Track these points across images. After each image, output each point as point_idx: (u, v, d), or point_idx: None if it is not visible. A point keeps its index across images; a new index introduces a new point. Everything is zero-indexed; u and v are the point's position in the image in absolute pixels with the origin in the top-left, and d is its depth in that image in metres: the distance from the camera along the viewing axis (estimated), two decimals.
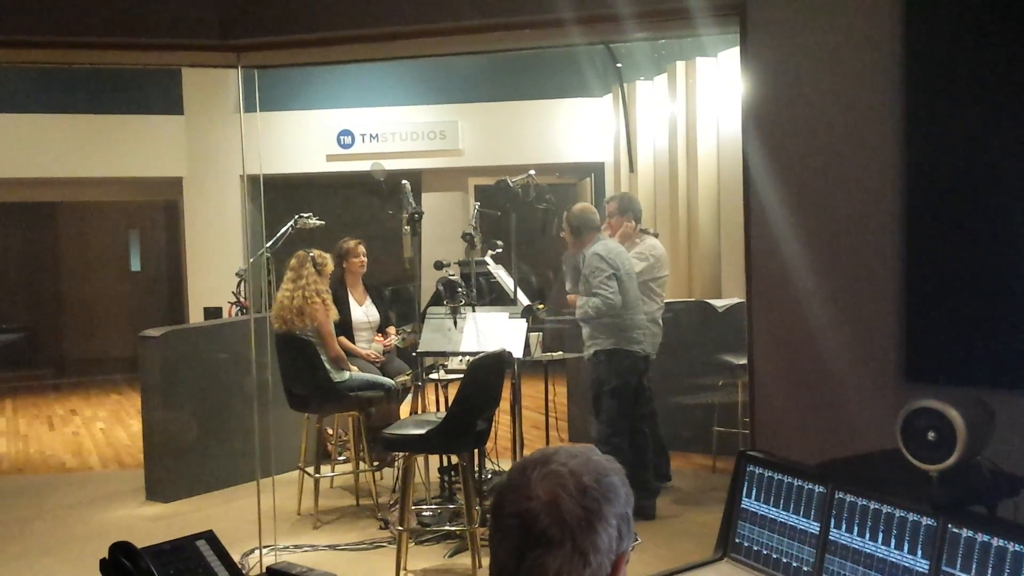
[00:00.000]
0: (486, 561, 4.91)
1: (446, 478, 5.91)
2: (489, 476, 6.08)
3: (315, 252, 6.09)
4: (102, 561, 1.85)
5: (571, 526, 1.29)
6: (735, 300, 7.25)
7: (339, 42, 3.99)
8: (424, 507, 5.68)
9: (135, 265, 15.53)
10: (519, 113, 11.46)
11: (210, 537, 1.98)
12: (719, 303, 7.28)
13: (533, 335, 6.25)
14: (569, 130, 11.33)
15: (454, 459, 5.92)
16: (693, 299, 7.90)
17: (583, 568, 1.30)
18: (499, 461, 6.27)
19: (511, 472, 1.38)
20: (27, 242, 14.63)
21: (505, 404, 5.86)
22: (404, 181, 5.98)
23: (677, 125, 8.79)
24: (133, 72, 11.26)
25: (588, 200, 11.39)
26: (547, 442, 6.81)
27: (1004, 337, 2.87)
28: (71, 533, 5.85)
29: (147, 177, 11.98)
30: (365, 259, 6.61)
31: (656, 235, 6.46)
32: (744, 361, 6.29)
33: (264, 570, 2.07)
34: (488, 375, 4.67)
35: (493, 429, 6.29)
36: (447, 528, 5.41)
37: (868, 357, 3.38)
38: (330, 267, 6.13)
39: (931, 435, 2.12)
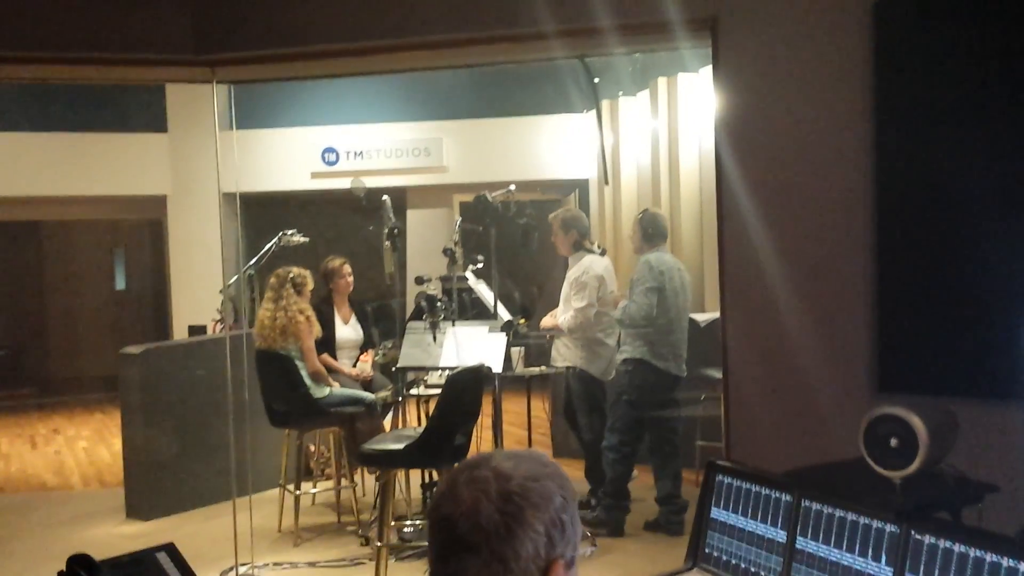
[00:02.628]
0: None
1: (428, 494, 5.90)
2: None
3: (295, 271, 6.07)
4: (59, 574, 1.83)
5: (488, 532, 1.28)
6: (717, 315, 7.25)
7: (315, 57, 3.99)
8: (405, 523, 5.66)
9: (120, 284, 15.48)
10: (504, 129, 11.48)
11: (170, 550, 1.96)
12: (701, 318, 7.29)
13: (515, 350, 6.25)
14: (553, 146, 11.35)
15: (435, 475, 5.92)
16: None
17: (504, 574, 1.28)
18: None
19: (447, 476, 1.38)
20: (10, 261, 14.57)
21: (488, 420, 5.86)
22: (384, 197, 5.99)
23: (659, 140, 8.82)
24: (116, 89, 11.26)
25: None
26: None
27: (970, 348, 2.89)
28: (50, 552, 5.80)
29: (131, 195, 11.94)
30: (351, 278, 6.61)
31: (602, 252, 6.25)
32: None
33: None
34: (466, 390, 4.66)
35: (475, 445, 6.30)
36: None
37: (840, 368, 3.39)
38: (310, 285, 6.11)
39: (894, 442, 2.12)
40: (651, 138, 8.98)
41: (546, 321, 6.09)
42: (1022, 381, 2.13)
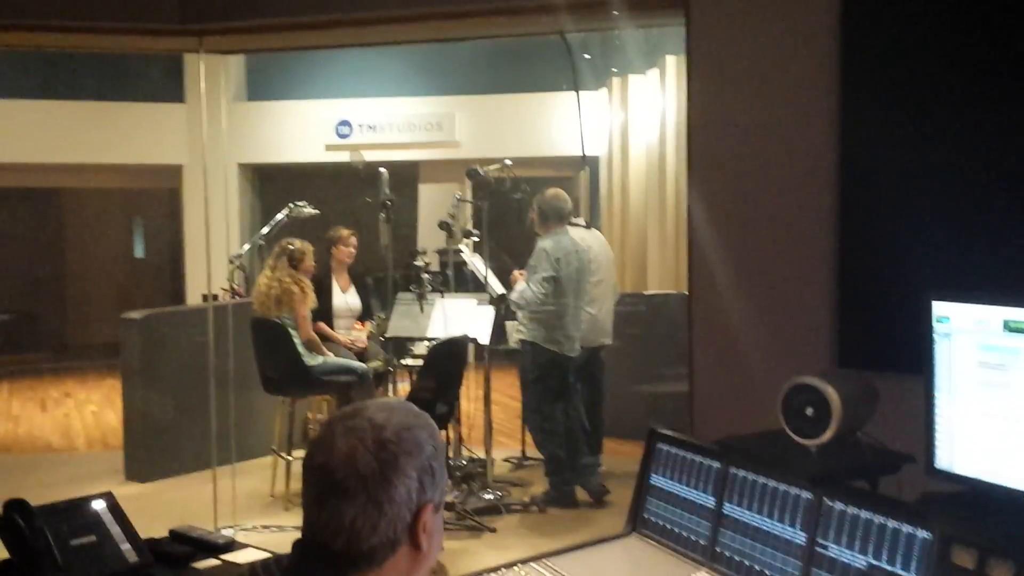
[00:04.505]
0: (452, 544, 5.00)
1: None
2: (464, 463, 6.16)
3: (296, 243, 6.16)
4: None
5: (365, 478, 1.35)
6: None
7: (301, 28, 4.04)
8: None
9: (139, 252, 15.66)
10: (516, 105, 11.51)
11: (108, 498, 2.04)
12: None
13: (510, 324, 6.31)
14: (565, 123, 11.36)
15: None
16: (677, 292, 7.94)
17: (378, 517, 1.35)
18: (474, 448, 6.33)
19: (321, 427, 1.45)
20: (31, 228, 14.77)
21: (479, 391, 5.94)
22: (381, 169, 6.05)
23: (667, 118, 8.83)
24: (136, 59, 11.39)
25: (584, 193, 11.45)
26: (522, 432, 6.87)
27: (900, 324, 2.91)
28: None
29: (148, 164, 12.08)
30: (354, 250, 6.70)
31: (587, 226, 6.25)
32: None
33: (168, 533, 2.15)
34: (448, 360, 4.74)
35: (468, 417, 6.39)
36: None
37: (801, 346, 3.43)
38: (309, 259, 6.19)
39: (809, 411, 2.17)
40: (660, 116, 8.98)
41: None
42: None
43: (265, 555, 2.06)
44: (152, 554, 2.04)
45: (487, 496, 5.76)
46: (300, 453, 6.52)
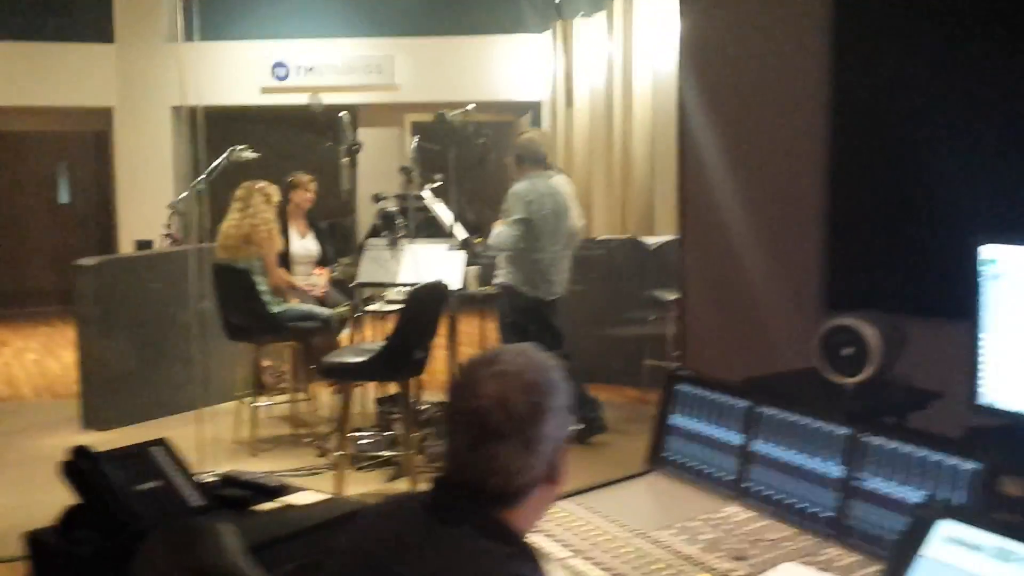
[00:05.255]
0: (424, 487, 5.04)
1: (382, 408, 6.03)
2: (425, 407, 6.20)
3: (263, 183, 6.10)
4: (63, 463, 1.92)
5: (519, 420, 1.42)
6: (667, 238, 7.41)
7: None
8: (361, 435, 5.78)
9: (63, 197, 15.19)
10: (457, 49, 11.42)
11: (163, 444, 2.05)
12: (651, 240, 7.44)
13: (471, 269, 6.34)
14: (507, 67, 11.33)
15: (391, 389, 6.03)
16: (626, 236, 8.04)
17: (529, 456, 1.43)
18: (435, 393, 6.37)
19: (460, 372, 1.49)
20: None
21: (441, 339, 5.97)
22: (343, 113, 5.99)
23: (614, 62, 8.86)
24: None
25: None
26: None
27: (918, 270, 3.03)
28: (5, 459, 5.86)
29: (76, 107, 11.73)
30: (313, 195, 6.66)
31: (558, 172, 6.25)
32: (675, 296, 6.51)
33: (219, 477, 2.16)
34: (427, 305, 4.77)
35: (429, 362, 6.42)
36: (385, 454, 5.53)
37: (792, 287, 3.53)
38: (276, 198, 6.15)
39: (847, 350, 2.27)
40: (606, 60, 9.01)
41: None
42: (966, 302, 2.27)
43: (323, 495, 2.09)
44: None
45: None
46: (262, 400, 6.52)
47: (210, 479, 2.28)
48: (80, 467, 1.90)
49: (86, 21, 11.45)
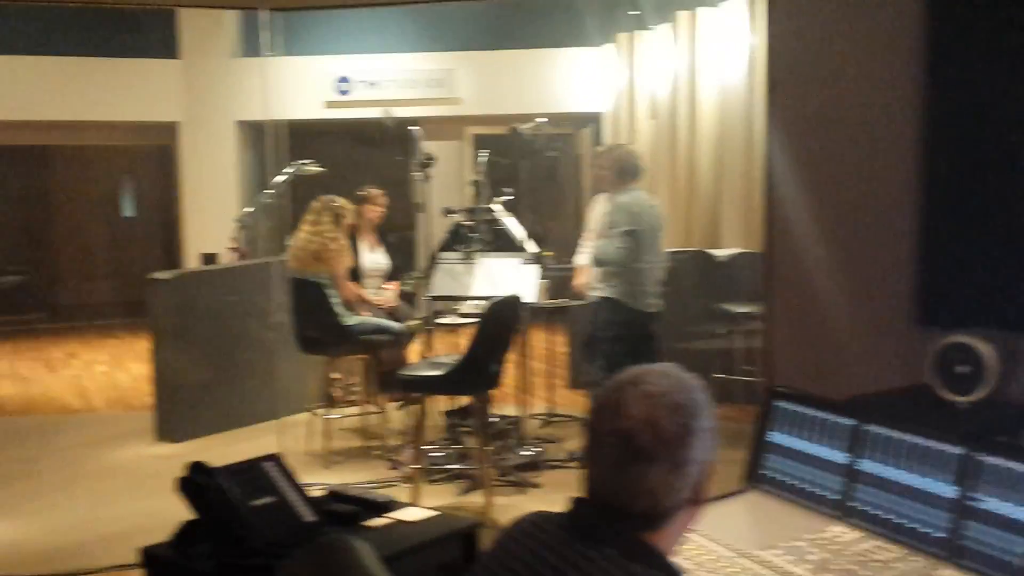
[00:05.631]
0: (498, 500, 5.04)
1: (452, 420, 6.05)
2: (496, 420, 6.21)
3: (338, 200, 6.16)
4: (180, 479, 1.94)
5: (668, 442, 1.41)
6: (736, 250, 7.35)
7: None
8: (432, 448, 5.80)
9: (128, 211, 15.47)
10: (518, 62, 11.44)
11: (276, 459, 2.07)
12: (719, 253, 7.38)
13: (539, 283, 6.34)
14: (567, 80, 11.32)
15: (460, 401, 6.05)
16: (693, 248, 7.98)
17: (678, 479, 1.42)
18: (501, 406, 6.37)
19: (605, 392, 1.48)
20: (20, 186, 14.53)
21: (511, 353, 5.97)
22: (414, 127, 6.03)
23: (679, 74, 8.83)
24: (129, 14, 11.20)
25: (588, 150, 11.44)
26: (550, 388, 6.95)
27: (1015, 283, 2.96)
28: (81, 471, 5.95)
29: (142, 121, 11.94)
30: (384, 209, 6.71)
31: None
32: (745, 309, 6.46)
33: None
34: (503, 318, 4.77)
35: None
36: (456, 467, 5.54)
37: (881, 302, 3.48)
38: (350, 219, 6.22)
39: (963, 369, 2.22)
40: (671, 72, 8.97)
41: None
42: None
43: (430, 511, 2.09)
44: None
45: (524, 452, 5.82)
46: (334, 412, 6.57)
47: (316, 493, 2.28)
48: (197, 482, 1.92)
49: (153, 37, 11.66)
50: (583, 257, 6.30)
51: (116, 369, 9.42)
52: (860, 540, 2.32)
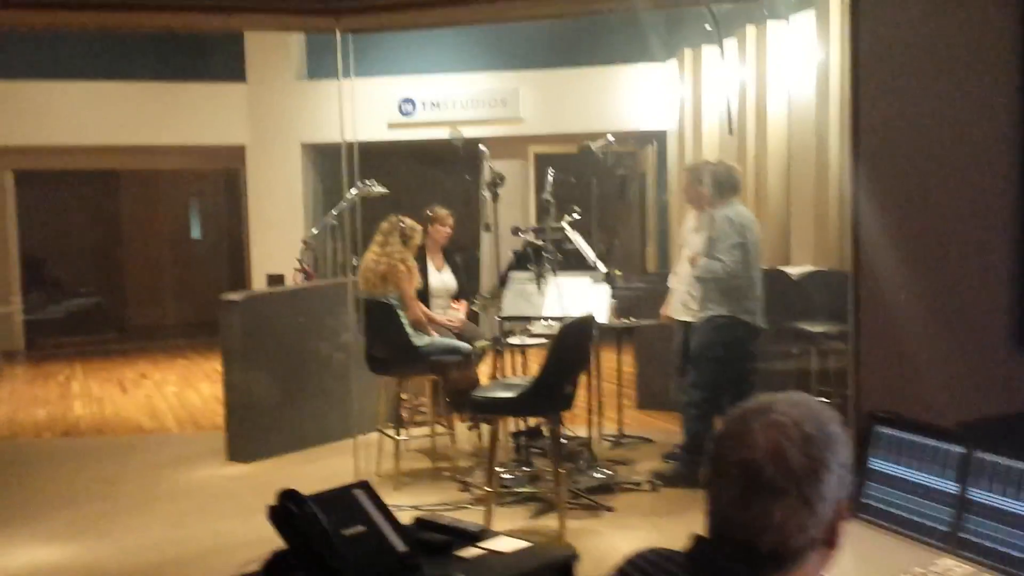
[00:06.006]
0: (572, 523, 4.96)
1: (520, 441, 5.98)
2: (564, 441, 6.13)
3: (407, 221, 6.16)
4: (271, 508, 1.90)
5: (796, 475, 1.31)
6: (809, 268, 7.20)
7: (441, 4, 3.98)
8: (502, 469, 5.73)
9: (195, 233, 15.72)
10: (580, 80, 11.40)
11: (366, 487, 2.02)
12: (794, 271, 7.23)
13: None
14: (630, 97, 11.25)
15: (528, 422, 5.98)
16: (765, 267, 7.83)
17: (808, 516, 1.31)
18: (569, 427, 6.28)
19: (730, 421, 1.39)
20: (92, 209, 14.85)
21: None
22: (483, 147, 6.01)
23: (747, 89, 8.71)
24: (196, 39, 11.38)
25: (652, 168, 11.35)
26: (619, 409, 6.85)
27: None
28: (156, 492, 5.98)
29: (209, 145, 12.10)
30: (451, 230, 6.69)
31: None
32: (821, 329, 6.31)
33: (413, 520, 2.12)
34: (577, 339, 4.70)
35: None
36: (528, 490, 5.47)
37: (977, 324, 3.34)
38: (418, 239, 6.21)
39: None
40: (738, 88, 8.86)
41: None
42: None
43: (524, 543, 2.03)
44: None
45: (597, 475, 5.72)
46: (404, 433, 6.54)
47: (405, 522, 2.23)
48: (289, 510, 1.87)
49: (219, 61, 11.84)
50: (675, 279, 6.21)
51: (186, 389, 9.51)
52: (973, 573, 2.20)
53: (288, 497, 1.89)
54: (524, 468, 5.80)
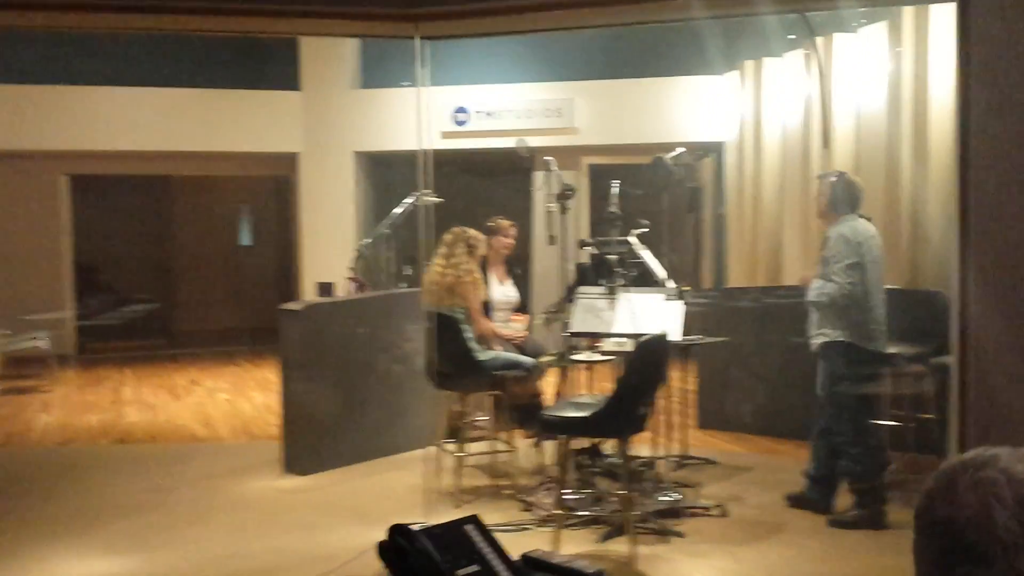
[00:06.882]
0: (642, 549, 4.79)
1: (581, 460, 5.82)
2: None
3: (471, 232, 6.04)
4: (380, 544, 1.77)
5: (1005, 543, 1.14)
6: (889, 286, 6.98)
7: (524, 11, 3.86)
8: (567, 491, 5.57)
9: (246, 239, 15.74)
10: (636, 91, 11.26)
11: (475, 521, 1.88)
12: None
13: None
14: (686, 109, 11.09)
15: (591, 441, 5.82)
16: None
17: None
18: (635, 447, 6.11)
19: (939, 474, 1.23)
20: (145, 215, 14.92)
21: None
22: (549, 157, 5.88)
23: (812, 102, 8.52)
24: (251, 46, 11.37)
25: (710, 181, 11.16)
26: (683, 429, 6.67)
27: None
28: (212, 504, 5.88)
29: (263, 152, 12.09)
30: (513, 241, 6.57)
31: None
32: (893, 350, 6.06)
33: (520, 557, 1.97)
34: (654, 357, 4.54)
35: None
36: (593, 512, 5.31)
37: None
38: (482, 249, 6.10)
39: None
40: (803, 100, 8.67)
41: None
42: None
43: None
44: None
45: (663, 498, 5.55)
46: (464, 449, 6.40)
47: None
48: (400, 547, 1.74)
49: (275, 69, 11.83)
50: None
51: (239, 397, 9.45)
52: None
53: (398, 532, 1.75)
54: (586, 489, 5.64)
